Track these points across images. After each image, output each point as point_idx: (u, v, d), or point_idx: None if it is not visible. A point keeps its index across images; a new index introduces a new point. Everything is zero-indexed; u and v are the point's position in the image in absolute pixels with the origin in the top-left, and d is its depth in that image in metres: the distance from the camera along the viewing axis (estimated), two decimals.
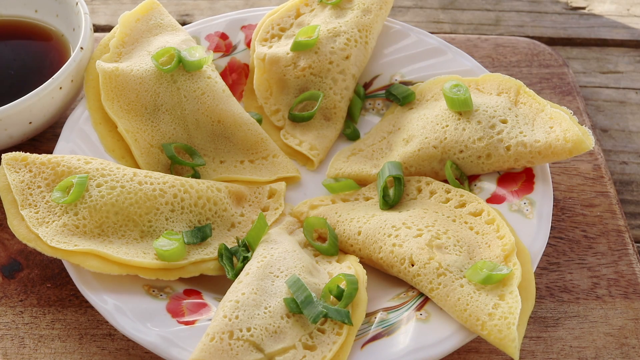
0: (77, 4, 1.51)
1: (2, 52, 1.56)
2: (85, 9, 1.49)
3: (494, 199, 1.32)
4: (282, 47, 1.51)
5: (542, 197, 1.29)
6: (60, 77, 1.38)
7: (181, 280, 1.25)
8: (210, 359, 1.06)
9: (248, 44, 1.57)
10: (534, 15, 1.90)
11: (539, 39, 1.83)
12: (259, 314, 1.12)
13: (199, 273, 1.25)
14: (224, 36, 1.58)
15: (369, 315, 1.20)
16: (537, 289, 1.28)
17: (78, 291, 1.31)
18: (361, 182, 1.41)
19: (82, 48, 1.42)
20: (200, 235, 1.28)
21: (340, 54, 1.48)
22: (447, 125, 1.36)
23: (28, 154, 1.30)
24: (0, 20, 1.60)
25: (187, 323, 1.17)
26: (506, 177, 1.34)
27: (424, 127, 1.38)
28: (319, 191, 1.43)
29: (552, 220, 1.32)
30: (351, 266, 1.24)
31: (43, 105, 1.38)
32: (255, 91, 1.51)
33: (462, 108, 1.35)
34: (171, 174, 1.39)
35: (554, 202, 1.36)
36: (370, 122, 1.53)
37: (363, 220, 1.30)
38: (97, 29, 1.84)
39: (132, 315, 1.17)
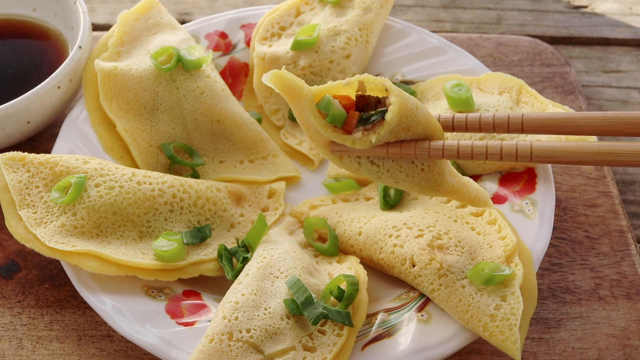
0: (75, 2, 1.50)
1: (0, 51, 1.56)
2: (84, 8, 1.48)
3: (495, 199, 1.31)
4: (282, 46, 1.50)
5: (544, 197, 1.29)
6: (59, 76, 1.37)
7: (180, 281, 1.25)
8: None
9: (248, 43, 1.57)
10: (536, 14, 1.89)
11: (541, 37, 1.82)
12: (258, 315, 1.11)
13: (198, 274, 1.25)
14: (223, 35, 1.57)
15: (370, 316, 1.20)
16: (539, 289, 1.28)
17: (76, 292, 1.30)
18: (362, 182, 1.40)
19: (80, 47, 1.42)
20: (199, 235, 1.28)
21: (341, 53, 1.48)
22: None
23: (26, 153, 1.29)
24: None
25: (186, 324, 1.17)
26: (508, 177, 1.34)
27: None
28: (319, 191, 1.42)
29: (554, 220, 1.32)
30: (352, 267, 1.24)
31: (41, 105, 1.37)
32: (255, 90, 1.50)
33: (463, 107, 1.35)
34: (170, 173, 1.38)
35: (556, 202, 1.35)
36: None
37: (364, 220, 1.29)
38: (96, 27, 1.83)
39: (130, 317, 1.17)
